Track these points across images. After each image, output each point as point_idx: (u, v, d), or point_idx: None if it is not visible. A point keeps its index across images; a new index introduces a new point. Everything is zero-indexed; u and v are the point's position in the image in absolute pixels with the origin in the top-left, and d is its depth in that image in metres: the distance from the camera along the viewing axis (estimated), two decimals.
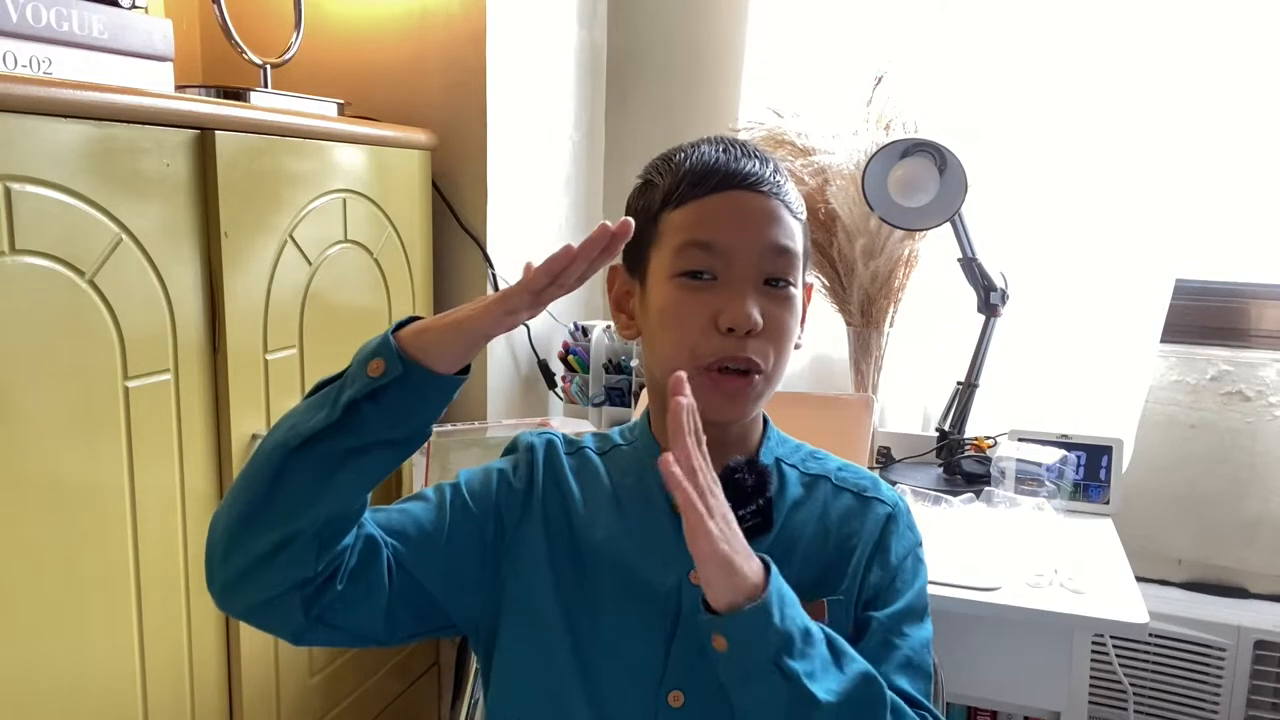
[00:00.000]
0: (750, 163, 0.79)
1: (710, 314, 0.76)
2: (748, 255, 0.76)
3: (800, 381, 1.88)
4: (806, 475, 0.86)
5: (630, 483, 0.85)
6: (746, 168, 0.78)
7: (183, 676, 1.09)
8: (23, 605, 0.89)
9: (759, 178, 0.78)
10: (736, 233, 0.77)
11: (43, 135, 0.88)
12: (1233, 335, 1.75)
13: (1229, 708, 1.68)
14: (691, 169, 0.79)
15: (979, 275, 1.57)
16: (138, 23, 1.09)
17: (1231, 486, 1.75)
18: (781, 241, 0.78)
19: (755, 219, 0.77)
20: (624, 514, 0.83)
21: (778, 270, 0.77)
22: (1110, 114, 1.63)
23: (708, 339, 0.76)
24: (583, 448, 0.89)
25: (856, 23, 1.73)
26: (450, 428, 1.48)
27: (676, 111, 1.93)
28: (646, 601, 0.80)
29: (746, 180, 0.78)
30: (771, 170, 0.80)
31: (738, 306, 0.75)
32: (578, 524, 0.83)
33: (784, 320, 0.78)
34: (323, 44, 1.58)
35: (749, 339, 0.76)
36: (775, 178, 0.80)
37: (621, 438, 0.90)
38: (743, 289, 0.76)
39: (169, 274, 1.02)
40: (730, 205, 0.78)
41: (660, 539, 0.81)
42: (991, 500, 1.39)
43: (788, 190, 0.81)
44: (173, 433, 1.05)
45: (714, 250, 0.76)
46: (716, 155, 0.79)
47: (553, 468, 0.86)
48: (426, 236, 1.51)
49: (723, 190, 0.78)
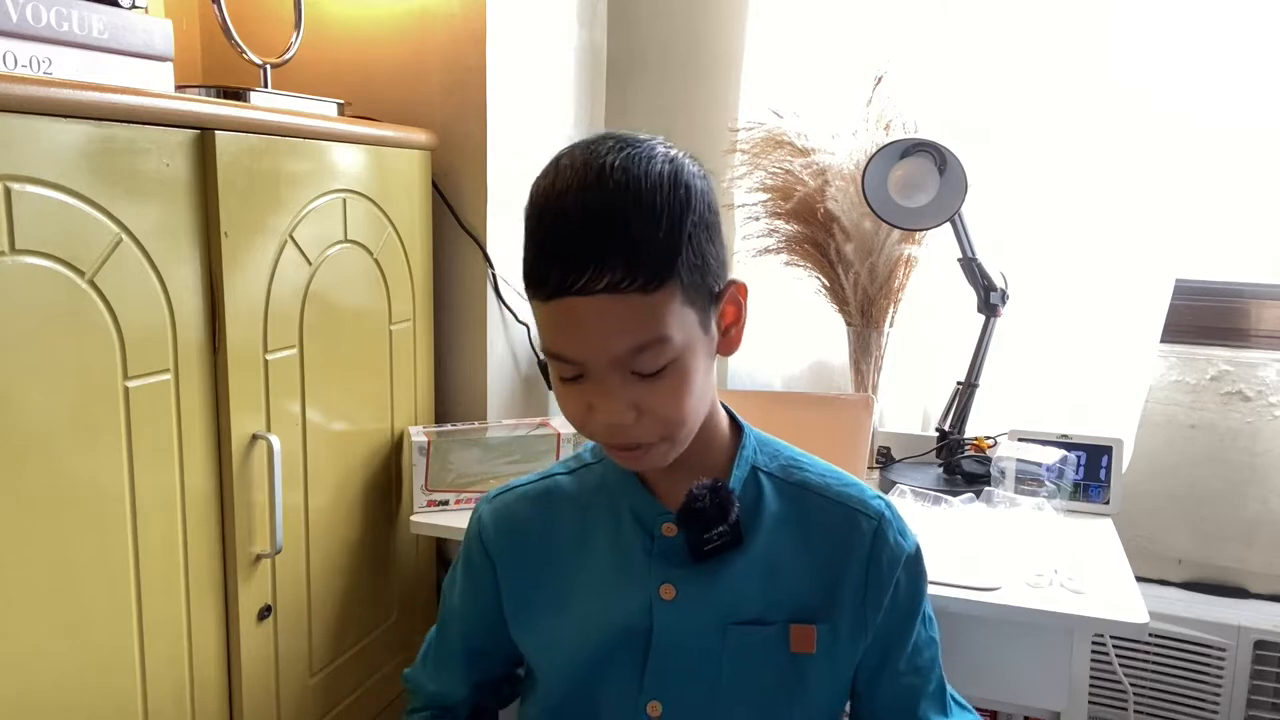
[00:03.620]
0: (587, 253, 0.68)
1: (586, 405, 0.74)
2: (599, 362, 0.72)
3: (800, 381, 1.88)
4: (787, 485, 0.85)
5: (600, 501, 0.86)
6: (578, 266, 0.68)
7: (183, 676, 1.09)
8: (23, 605, 0.89)
9: (593, 277, 0.68)
10: (578, 346, 0.71)
11: (43, 135, 0.88)
12: (1233, 335, 1.75)
13: (1229, 708, 1.68)
14: (532, 264, 0.72)
15: (979, 275, 1.57)
16: (138, 23, 1.09)
17: (1231, 486, 1.75)
18: (634, 342, 0.70)
19: (593, 329, 0.70)
20: (591, 545, 0.85)
21: (640, 366, 0.72)
22: (1110, 114, 1.63)
23: (592, 429, 0.75)
24: (551, 476, 0.91)
25: (856, 23, 1.73)
26: (450, 428, 1.48)
27: (676, 111, 1.93)
28: (619, 624, 0.82)
29: (576, 284, 0.68)
30: (617, 247, 0.68)
31: (603, 410, 0.73)
32: (546, 572, 0.87)
33: (667, 399, 0.73)
34: (323, 44, 1.58)
35: (626, 429, 0.74)
36: (619, 261, 0.68)
37: (593, 455, 0.91)
38: (608, 391, 0.72)
39: (169, 274, 1.02)
40: (566, 316, 0.70)
41: (629, 558, 0.83)
42: (991, 500, 1.39)
43: (640, 258, 0.68)
44: (173, 433, 1.05)
45: (568, 360, 0.73)
46: (552, 244, 0.70)
47: (506, 531, 0.89)
48: (426, 236, 1.51)
49: (556, 298, 0.70)
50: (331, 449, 1.32)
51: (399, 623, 1.51)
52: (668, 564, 0.82)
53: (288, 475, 1.22)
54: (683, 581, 0.81)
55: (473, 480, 1.44)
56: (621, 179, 0.70)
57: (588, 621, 0.83)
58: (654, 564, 0.82)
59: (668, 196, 0.70)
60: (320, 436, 1.29)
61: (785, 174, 1.69)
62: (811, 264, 1.72)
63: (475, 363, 1.60)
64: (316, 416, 1.28)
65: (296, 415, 1.24)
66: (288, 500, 1.22)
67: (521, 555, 0.88)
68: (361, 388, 1.38)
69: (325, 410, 1.29)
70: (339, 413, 1.33)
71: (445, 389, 1.61)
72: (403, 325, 1.46)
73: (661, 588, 0.81)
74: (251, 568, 1.17)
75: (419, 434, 1.44)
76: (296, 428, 1.24)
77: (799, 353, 1.88)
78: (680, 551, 0.81)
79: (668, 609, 0.80)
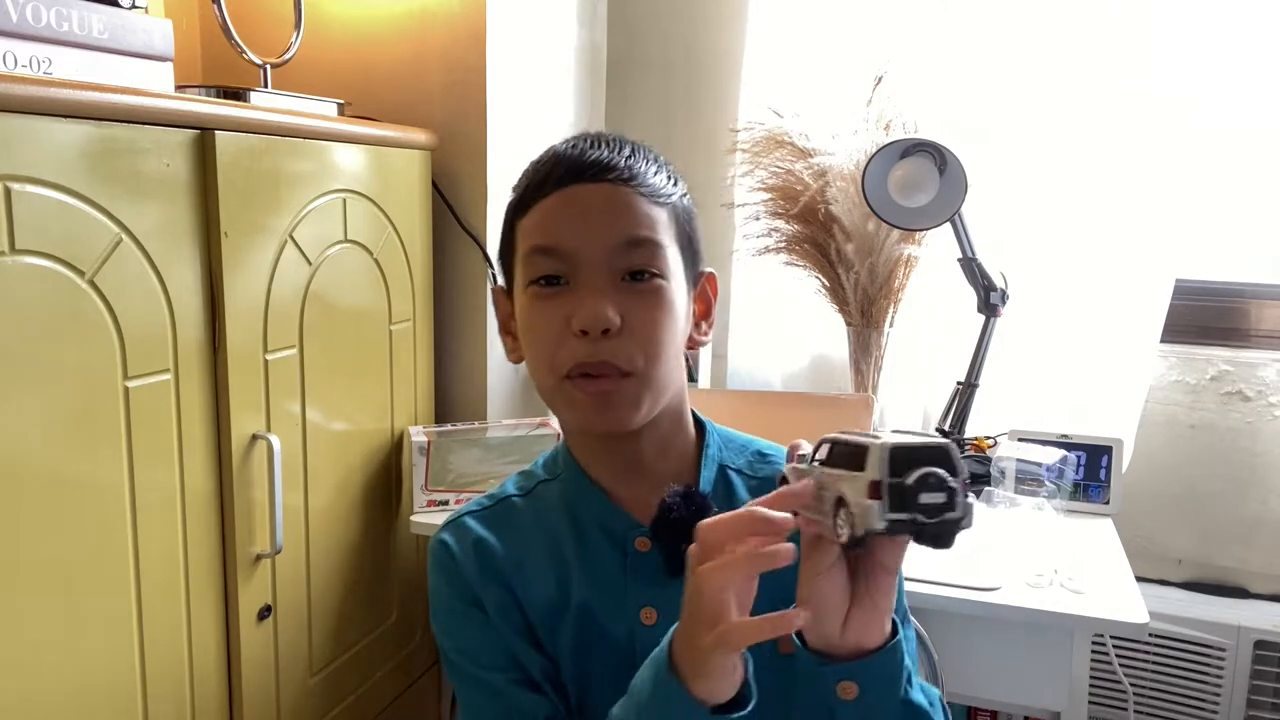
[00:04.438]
0: (596, 152, 0.72)
1: (564, 318, 0.70)
2: (594, 253, 0.70)
3: (800, 381, 1.88)
4: (755, 479, 0.81)
5: (563, 525, 0.79)
6: (589, 157, 0.71)
7: (183, 676, 1.09)
8: (23, 605, 0.89)
9: (602, 165, 0.71)
10: (578, 231, 0.70)
11: (43, 135, 0.88)
12: (1233, 335, 1.75)
13: (1229, 708, 1.68)
14: (537, 171, 0.73)
15: (979, 275, 1.57)
16: (138, 23, 1.09)
17: (1231, 486, 1.75)
18: (633, 233, 0.71)
19: (597, 212, 0.71)
20: (561, 572, 0.78)
21: (634, 263, 0.70)
22: (1110, 114, 1.63)
23: (564, 346, 0.70)
24: (505, 497, 0.83)
25: (856, 23, 1.73)
26: (450, 428, 1.48)
27: (676, 111, 1.93)
28: (601, 648, 0.76)
29: (587, 171, 0.71)
30: (625, 155, 0.72)
31: (588, 307, 0.69)
32: (521, 594, 0.78)
33: (650, 316, 0.71)
34: (323, 44, 1.58)
35: (606, 339, 0.69)
36: (627, 162, 0.72)
37: (545, 470, 0.84)
38: (596, 288, 0.70)
39: (169, 274, 1.02)
40: (569, 201, 0.71)
41: (603, 580, 0.77)
42: (991, 500, 1.38)
43: (645, 173, 0.73)
44: (173, 433, 1.05)
45: (558, 254, 0.70)
46: (563, 150, 0.73)
47: (473, 556, 0.79)
48: (426, 236, 1.51)
49: (563, 186, 0.71)
50: (331, 449, 1.32)
51: (399, 623, 1.51)
52: (643, 582, 0.76)
53: (288, 475, 1.22)
54: (664, 602, 0.75)
55: (473, 480, 1.44)
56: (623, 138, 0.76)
57: (563, 648, 0.77)
58: (630, 584, 0.76)
59: (664, 162, 0.77)
60: (320, 436, 1.29)
61: (785, 174, 1.69)
62: (811, 264, 1.72)
63: (475, 363, 1.60)
64: (316, 416, 1.27)
65: (296, 415, 1.24)
66: (288, 500, 1.22)
67: (494, 583, 0.79)
68: (361, 388, 1.38)
69: (325, 410, 1.29)
70: (339, 413, 1.33)
71: (445, 389, 1.61)
72: (403, 325, 1.46)
73: (642, 612, 0.76)
74: (251, 568, 1.17)
75: (419, 434, 1.44)
76: (296, 428, 1.24)
77: (799, 352, 1.88)
78: (656, 567, 0.76)
79: (650, 635, 0.74)
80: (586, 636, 0.77)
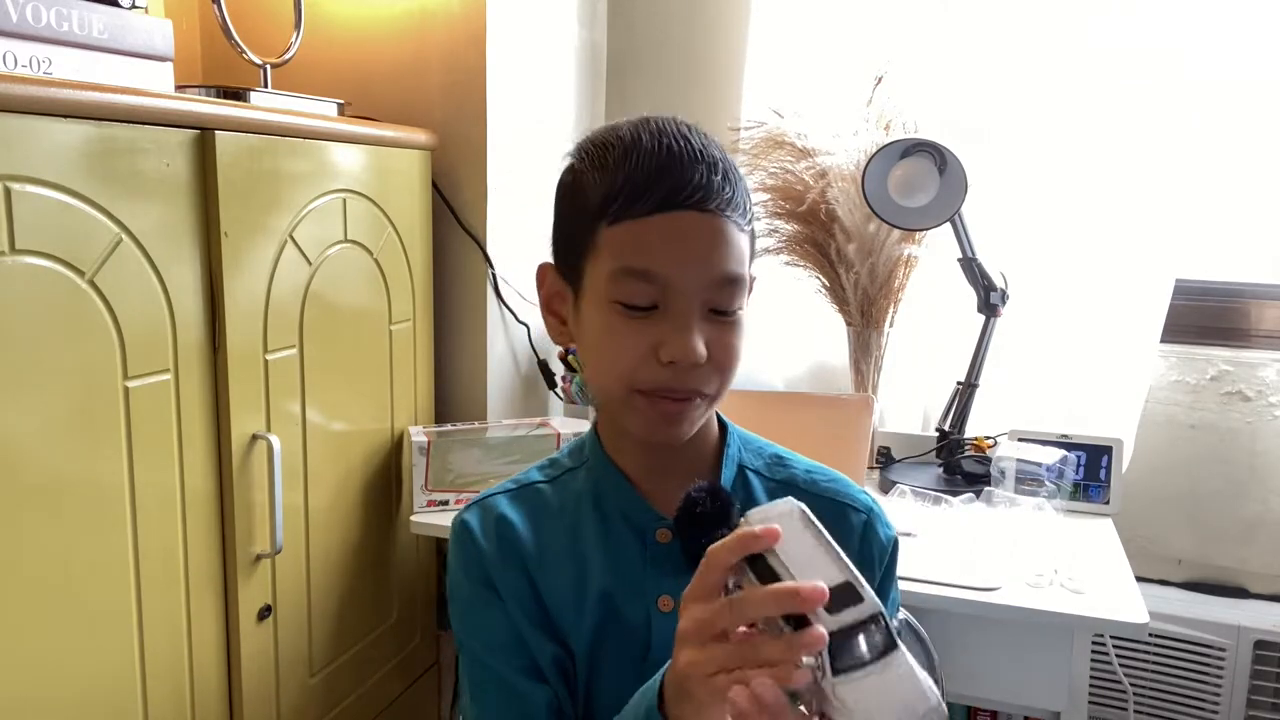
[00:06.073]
0: (697, 170, 0.69)
1: (650, 344, 0.70)
2: (690, 286, 0.69)
3: (800, 382, 1.88)
4: (773, 482, 0.83)
5: (587, 509, 0.81)
6: (694, 179, 0.68)
7: (183, 676, 1.09)
8: (23, 605, 0.89)
9: (706, 193, 0.68)
10: (679, 263, 0.68)
11: (43, 135, 0.88)
12: (1233, 335, 1.75)
13: (1229, 708, 1.68)
14: (629, 178, 0.69)
15: (979, 275, 1.57)
16: (138, 23, 1.09)
17: (1231, 486, 1.75)
18: (728, 269, 0.70)
19: (702, 246, 0.69)
20: (583, 556, 0.80)
21: (724, 302, 0.70)
22: (1110, 114, 1.63)
23: (648, 368, 0.70)
24: (530, 484, 0.84)
25: (856, 23, 1.73)
26: (450, 428, 1.48)
27: (676, 111, 1.90)
28: (618, 632, 0.78)
29: (692, 197, 0.68)
30: (721, 176, 0.70)
31: (681, 341, 0.68)
32: (540, 581, 0.79)
33: (731, 346, 0.72)
34: (323, 44, 1.58)
35: (693, 369, 0.70)
36: (725, 186, 0.70)
37: (571, 459, 0.84)
38: (686, 321, 0.69)
39: (169, 274, 1.03)
40: (673, 230, 0.68)
41: (624, 567, 0.79)
42: (991, 500, 1.39)
43: (738, 196, 0.71)
44: (173, 433, 1.05)
45: (653, 279, 0.69)
46: (658, 160, 0.69)
47: (495, 536, 0.80)
48: (426, 236, 1.51)
49: (665, 211, 0.68)
50: (331, 449, 1.32)
51: (399, 623, 1.51)
52: (664, 572, 0.78)
53: (288, 475, 1.22)
54: (681, 591, 0.76)
55: (473, 480, 1.44)
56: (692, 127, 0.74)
57: (581, 635, 0.79)
58: (649, 573, 0.79)
59: (740, 173, 0.74)
60: (320, 436, 1.29)
61: (786, 174, 1.69)
62: (812, 264, 1.72)
63: (475, 363, 1.61)
64: (316, 416, 1.28)
65: (296, 415, 1.24)
66: (288, 500, 1.22)
67: (512, 566, 0.81)
68: (361, 388, 1.38)
69: (325, 410, 1.29)
70: (339, 413, 1.33)
71: (445, 389, 1.61)
72: (403, 325, 1.46)
73: (659, 599, 0.78)
74: (251, 567, 1.17)
75: (419, 434, 1.44)
76: (296, 428, 1.24)
77: (799, 353, 1.88)
78: (675, 558, 0.77)
79: (666, 621, 0.77)
80: (604, 621, 0.79)
